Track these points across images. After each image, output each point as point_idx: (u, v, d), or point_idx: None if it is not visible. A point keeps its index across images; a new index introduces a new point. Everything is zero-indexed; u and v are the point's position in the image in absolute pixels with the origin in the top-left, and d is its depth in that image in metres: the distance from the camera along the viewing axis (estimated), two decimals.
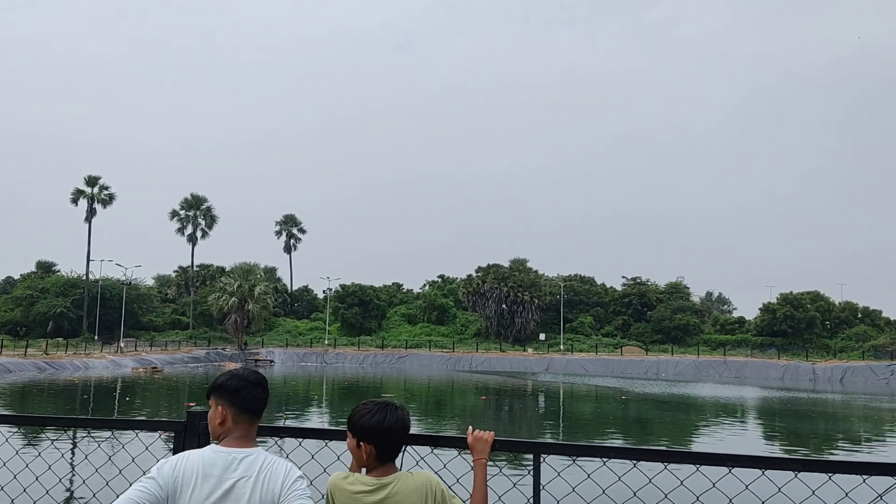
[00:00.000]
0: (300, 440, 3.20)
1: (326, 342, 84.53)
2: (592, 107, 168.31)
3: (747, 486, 2.96)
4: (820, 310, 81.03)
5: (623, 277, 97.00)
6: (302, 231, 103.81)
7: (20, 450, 5.72)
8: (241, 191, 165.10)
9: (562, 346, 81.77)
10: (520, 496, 3.28)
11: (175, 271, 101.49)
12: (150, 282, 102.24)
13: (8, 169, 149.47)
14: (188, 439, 3.01)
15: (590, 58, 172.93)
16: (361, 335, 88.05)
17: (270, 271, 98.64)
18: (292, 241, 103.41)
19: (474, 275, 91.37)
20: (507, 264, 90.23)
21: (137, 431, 3.65)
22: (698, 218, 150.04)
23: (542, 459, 2.93)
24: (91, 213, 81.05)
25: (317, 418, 28.25)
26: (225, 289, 77.45)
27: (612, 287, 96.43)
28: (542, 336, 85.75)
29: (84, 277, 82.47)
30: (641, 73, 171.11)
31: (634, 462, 2.86)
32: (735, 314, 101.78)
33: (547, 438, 23.54)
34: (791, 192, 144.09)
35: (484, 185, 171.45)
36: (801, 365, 65.19)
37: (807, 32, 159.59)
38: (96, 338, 76.37)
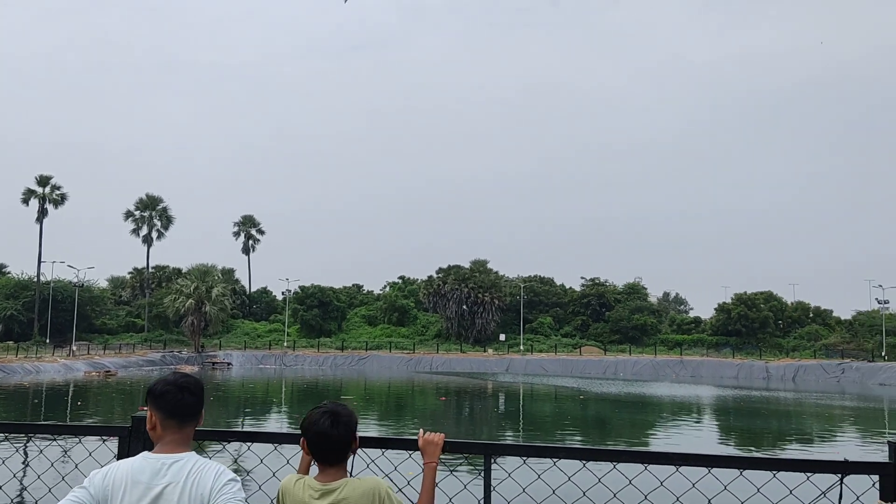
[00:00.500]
0: (248, 444, 3.17)
1: (285, 344, 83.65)
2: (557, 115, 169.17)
3: (694, 485, 3.01)
4: (773, 310, 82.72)
5: (582, 278, 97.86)
6: (261, 232, 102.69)
7: None
8: (198, 191, 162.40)
9: (521, 347, 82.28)
10: (471, 498, 3.29)
11: (130, 273, 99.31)
12: (104, 283, 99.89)
13: None
14: (133, 444, 2.95)
15: (550, 63, 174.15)
16: (321, 337, 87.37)
17: (228, 273, 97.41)
18: (251, 242, 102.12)
19: (435, 276, 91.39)
20: (467, 265, 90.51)
21: (81, 437, 3.57)
22: (657, 221, 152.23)
23: (493, 460, 2.94)
24: (42, 213, 78.98)
25: (274, 423, 28.02)
26: (181, 290, 76.10)
27: (571, 288, 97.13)
28: (503, 336, 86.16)
29: (35, 279, 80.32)
30: (602, 79, 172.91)
31: (584, 462, 2.90)
32: (691, 314, 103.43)
33: (506, 439, 23.68)
34: (749, 196, 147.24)
35: (445, 189, 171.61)
36: (755, 364, 66.65)
37: (751, 39, 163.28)
38: (48, 341, 74.40)
